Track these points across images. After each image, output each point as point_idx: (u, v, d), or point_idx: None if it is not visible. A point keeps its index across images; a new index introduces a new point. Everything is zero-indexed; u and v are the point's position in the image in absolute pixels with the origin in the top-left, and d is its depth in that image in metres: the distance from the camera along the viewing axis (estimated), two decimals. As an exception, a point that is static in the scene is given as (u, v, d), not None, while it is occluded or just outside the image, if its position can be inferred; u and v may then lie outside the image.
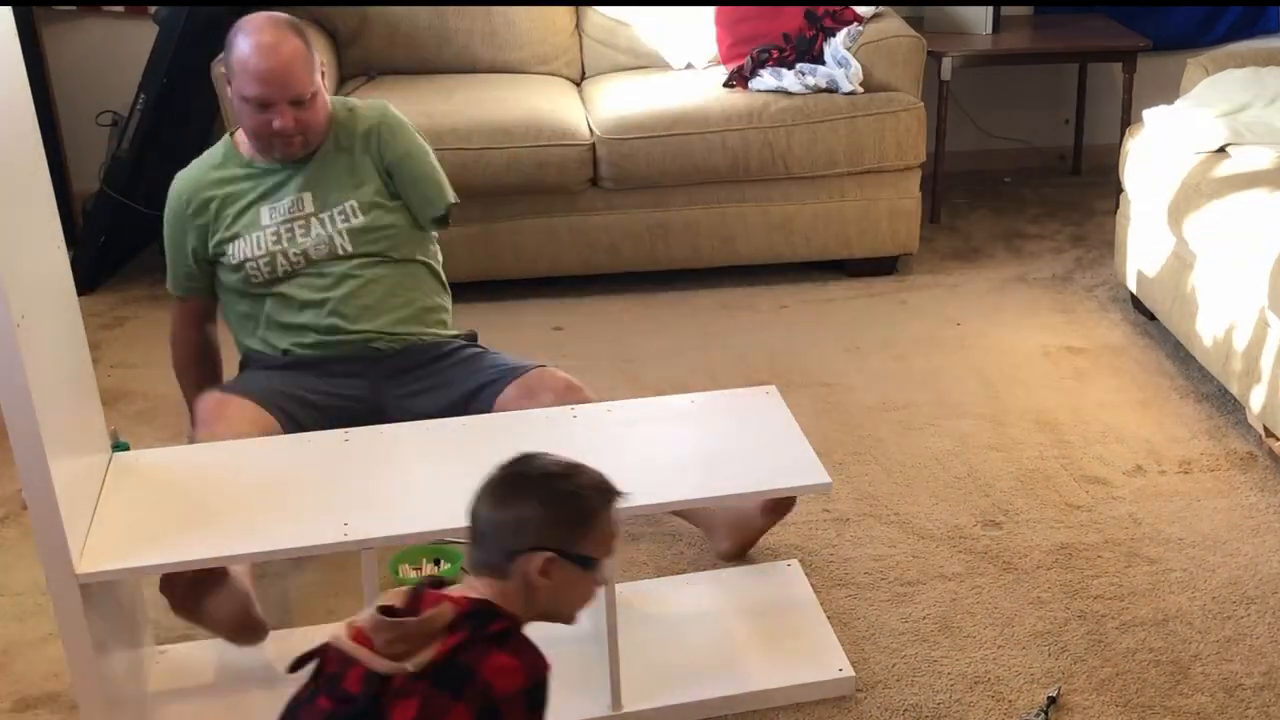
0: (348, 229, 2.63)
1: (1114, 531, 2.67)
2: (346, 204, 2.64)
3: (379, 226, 2.66)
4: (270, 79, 2.50)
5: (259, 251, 2.61)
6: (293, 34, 2.55)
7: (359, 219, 2.64)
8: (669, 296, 3.88)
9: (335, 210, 2.63)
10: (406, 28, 4.15)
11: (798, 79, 3.83)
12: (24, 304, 1.80)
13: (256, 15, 2.57)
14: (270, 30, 2.53)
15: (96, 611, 1.96)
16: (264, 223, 2.62)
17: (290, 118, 2.53)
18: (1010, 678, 2.26)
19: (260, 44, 2.51)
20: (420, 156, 2.75)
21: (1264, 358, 2.82)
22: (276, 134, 2.55)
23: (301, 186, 2.63)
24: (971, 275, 4.00)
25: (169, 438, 3.10)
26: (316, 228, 2.62)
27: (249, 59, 2.51)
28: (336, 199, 2.64)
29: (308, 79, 2.54)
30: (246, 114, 2.55)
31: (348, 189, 2.65)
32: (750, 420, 2.34)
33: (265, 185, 2.64)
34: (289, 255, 2.61)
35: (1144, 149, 3.45)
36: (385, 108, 2.75)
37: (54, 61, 4.27)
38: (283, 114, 2.52)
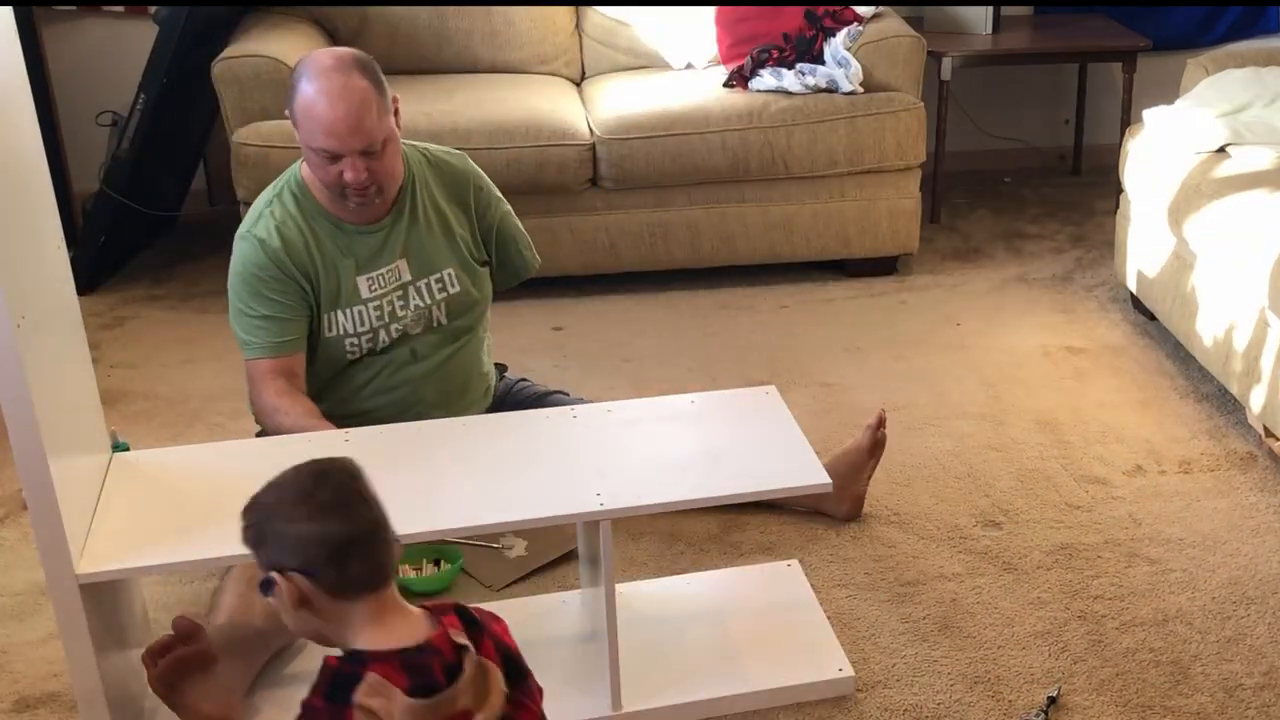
0: (445, 299, 2.53)
1: (1114, 531, 2.67)
2: (444, 272, 2.52)
3: (472, 297, 2.57)
4: (338, 129, 2.29)
5: (362, 328, 2.48)
6: (360, 74, 2.33)
7: (455, 288, 2.54)
8: (669, 296, 3.88)
9: (433, 278, 2.51)
10: (406, 28, 4.15)
11: (798, 79, 3.83)
12: (24, 304, 1.80)
13: (321, 54, 2.36)
14: (336, 73, 2.31)
15: (96, 611, 1.96)
16: (364, 295, 2.47)
17: (362, 169, 2.33)
18: (1010, 678, 2.26)
19: (326, 90, 2.29)
20: (511, 215, 2.66)
21: (1264, 358, 2.82)
22: (349, 186, 2.36)
23: (398, 252, 2.48)
24: (971, 275, 4.00)
25: (169, 438, 3.10)
26: (415, 299, 2.50)
27: (313, 106, 2.30)
28: (434, 265, 2.51)
29: (378, 126, 2.33)
30: (315, 164, 2.37)
31: (444, 254, 2.53)
32: (750, 420, 2.34)
33: (361, 253, 2.47)
34: (390, 330, 2.50)
35: (1144, 149, 3.45)
36: (465, 158, 2.63)
37: (54, 61, 4.27)
38: (354, 166, 2.32)
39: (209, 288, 3.99)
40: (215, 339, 3.64)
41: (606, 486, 2.11)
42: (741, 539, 2.67)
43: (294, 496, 1.54)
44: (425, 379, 2.52)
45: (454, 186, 2.57)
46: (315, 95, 2.30)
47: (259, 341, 2.44)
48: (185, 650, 2.00)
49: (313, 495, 1.53)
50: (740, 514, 2.73)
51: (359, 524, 1.54)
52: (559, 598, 2.46)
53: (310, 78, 2.32)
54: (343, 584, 1.53)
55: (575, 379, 3.25)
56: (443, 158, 2.59)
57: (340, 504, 1.53)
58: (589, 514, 2.06)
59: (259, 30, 3.83)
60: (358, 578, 1.54)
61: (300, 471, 1.56)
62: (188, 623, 2.01)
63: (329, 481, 1.55)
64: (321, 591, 1.53)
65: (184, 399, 3.31)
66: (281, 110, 3.62)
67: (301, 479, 1.55)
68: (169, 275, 4.09)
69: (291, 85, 2.36)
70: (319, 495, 1.53)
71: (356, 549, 1.53)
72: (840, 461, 2.69)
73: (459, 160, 2.61)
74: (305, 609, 1.54)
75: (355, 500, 1.55)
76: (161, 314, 3.83)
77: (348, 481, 1.56)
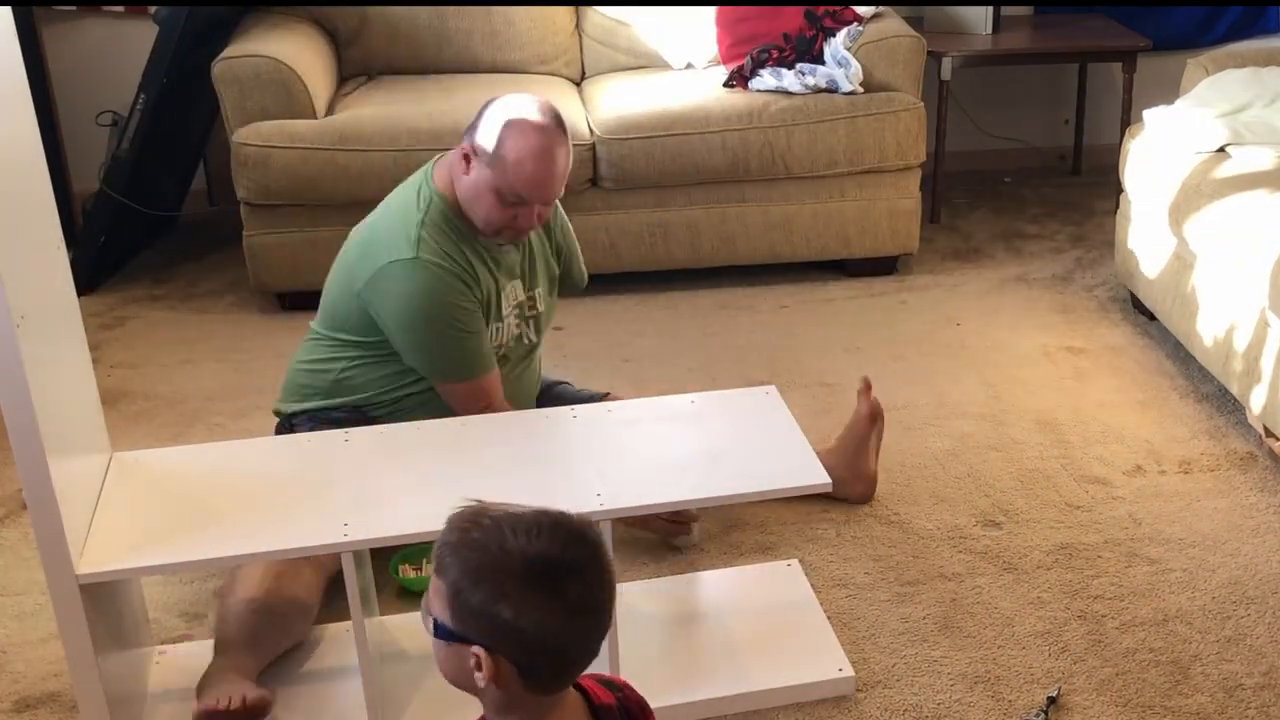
0: (533, 318, 2.59)
1: (1114, 531, 2.67)
2: (536, 291, 2.59)
3: (550, 316, 2.64)
4: (542, 185, 2.36)
5: (506, 339, 2.54)
6: (563, 136, 2.39)
7: (542, 306, 2.60)
8: (669, 296, 3.88)
9: (527, 296, 2.57)
10: (406, 28, 4.15)
11: (798, 79, 3.83)
12: (24, 304, 1.80)
13: (525, 108, 2.39)
14: (547, 132, 2.36)
15: (96, 611, 1.96)
16: (504, 311, 2.52)
17: (538, 216, 2.40)
18: (1010, 678, 2.26)
19: (539, 149, 2.34)
20: (573, 233, 2.72)
21: (1264, 358, 2.82)
22: (516, 228, 2.41)
23: (514, 271, 2.54)
24: (971, 275, 4.00)
25: (169, 438, 3.10)
26: (517, 315, 2.56)
27: (523, 162, 2.33)
28: (534, 284, 2.58)
29: (566, 179, 2.43)
30: (491, 204, 2.37)
31: (540, 274, 2.59)
32: (750, 420, 2.34)
33: (500, 269, 2.50)
34: (507, 346, 2.55)
35: (1144, 149, 3.45)
36: None
37: (54, 61, 4.27)
38: (538, 215, 2.40)
39: (209, 288, 3.99)
40: (215, 339, 3.64)
41: (606, 486, 2.11)
42: (741, 539, 2.67)
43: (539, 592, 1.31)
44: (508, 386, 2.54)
45: None
46: (531, 154, 2.33)
47: (486, 351, 2.45)
48: None
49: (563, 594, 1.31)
50: (740, 514, 2.73)
51: (593, 639, 1.35)
52: (559, 598, 2.46)
53: (524, 134, 2.34)
54: (545, 684, 1.36)
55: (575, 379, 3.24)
56: None
57: (585, 611, 1.33)
58: (589, 514, 2.05)
59: (259, 30, 3.83)
60: (564, 682, 1.39)
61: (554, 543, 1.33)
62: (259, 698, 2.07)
63: (584, 581, 1.33)
64: (517, 680, 1.34)
65: (184, 399, 3.31)
66: (281, 110, 3.63)
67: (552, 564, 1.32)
68: (169, 275, 4.08)
69: (497, 135, 2.35)
70: (569, 595, 1.32)
71: (577, 661, 1.36)
72: (844, 440, 2.72)
73: None
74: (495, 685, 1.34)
75: (600, 609, 1.35)
76: (161, 314, 3.83)
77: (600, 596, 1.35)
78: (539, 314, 2.61)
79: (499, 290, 2.49)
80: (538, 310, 2.60)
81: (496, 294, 2.49)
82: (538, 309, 2.60)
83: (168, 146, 4.08)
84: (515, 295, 2.54)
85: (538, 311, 2.60)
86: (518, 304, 2.55)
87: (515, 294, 2.54)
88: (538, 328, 2.62)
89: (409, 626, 2.34)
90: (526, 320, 2.59)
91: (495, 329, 2.50)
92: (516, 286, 2.54)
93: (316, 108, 3.71)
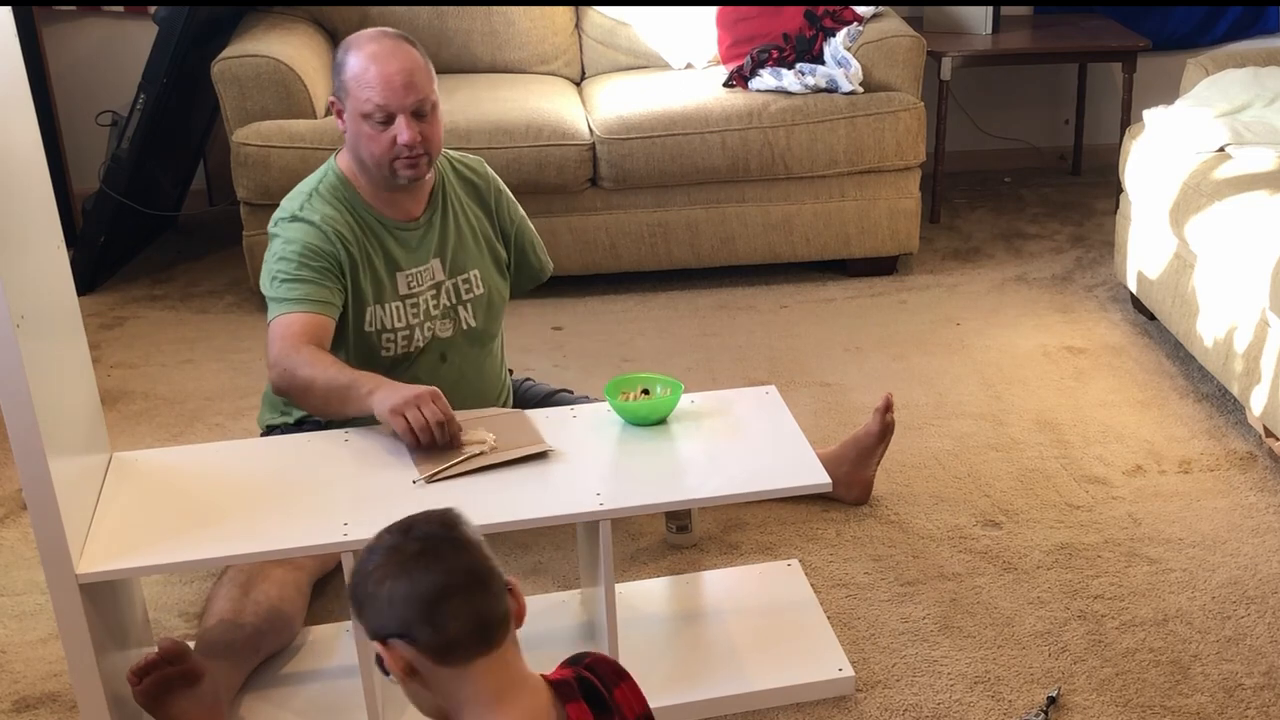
0: (471, 301, 2.55)
1: (1114, 531, 2.67)
2: (472, 273, 2.55)
3: (496, 300, 2.60)
4: (394, 84, 2.34)
5: (399, 324, 2.48)
6: (406, 43, 2.41)
7: (480, 289, 2.56)
8: (668, 296, 3.88)
9: (461, 279, 2.54)
10: (406, 28, 4.13)
11: (797, 79, 3.83)
12: (24, 304, 1.80)
13: (363, 31, 2.44)
14: (383, 39, 2.40)
15: (96, 611, 1.96)
16: (402, 292, 2.48)
17: (415, 130, 2.36)
18: (1010, 678, 2.26)
19: (375, 53, 2.36)
20: (528, 221, 2.70)
21: (1264, 358, 2.82)
22: (401, 152, 2.37)
23: (433, 251, 2.51)
24: (971, 275, 4.00)
25: (169, 438, 3.10)
26: (445, 298, 2.53)
27: (367, 69, 2.35)
28: (463, 266, 2.54)
29: (429, 85, 2.39)
30: (366, 135, 2.37)
31: (473, 256, 2.56)
32: (750, 420, 2.34)
33: (400, 247, 2.48)
34: (424, 330, 2.50)
35: (1144, 149, 3.45)
36: (484, 163, 2.66)
37: (54, 61, 4.27)
38: (408, 126, 2.35)
39: (209, 288, 3.99)
40: (215, 339, 3.64)
41: (606, 486, 2.11)
42: (741, 539, 2.67)
43: (381, 556, 1.39)
44: (456, 383, 2.50)
45: (478, 191, 2.61)
46: (368, 58, 2.36)
47: (293, 297, 2.35)
48: (170, 669, 2.01)
49: (399, 549, 1.39)
50: (740, 514, 2.73)
51: (450, 574, 1.37)
52: (559, 597, 2.46)
53: (359, 46, 2.39)
54: (444, 646, 1.36)
55: (575, 379, 3.25)
56: (465, 162, 2.62)
57: (427, 553, 1.38)
58: (589, 514, 2.06)
59: (259, 30, 3.83)
60: (459, 636, 1.36)
61: (388, 529, 1.43)
62: (172, 644, 2.02)
63: (414, 533, 1.40)
64: (425, 658, 1.37)
65: (184, 399, 3.31)
66: (281, 110, 3.63)
67: (388, 535, 1.41)
68: (169, 275, 4.09)
69: (339, 62, 2.41)
70: (406, 548, 1.38)
71: (451, 602, 1.36)
72: (850, 447, 2.73)
73: (479, 165, 2.64)
74: (416, 681, 1.39)
75: (444, 548, 1.39)
76: (161, 314, 3.83)
77: (435, 530, 1.41)
78: (477, 297, 2.56)
79: (393, 269, 2.46)
80: (475, 293, 2.56)
81: (388, 273, 2.46)
82: (475, 291, 2.56)
83: (167, 146, 4.08)
84: (432, 275, 2.50)
85: (475, 294, 2.56)
86: (435, 284, 2.51)
87: (432, 274, 2.50)
88: (480, 312, 2.57)
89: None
90: (462, 303, 2.55)
91: (393, 309, 2.46)
92: (434, 267, 2.51)
93: (316, 108, 3.71)
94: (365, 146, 2.39)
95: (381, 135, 2.37)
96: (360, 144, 2.40)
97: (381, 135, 2.37)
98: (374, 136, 2.37)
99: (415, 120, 2.37)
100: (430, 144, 2.41)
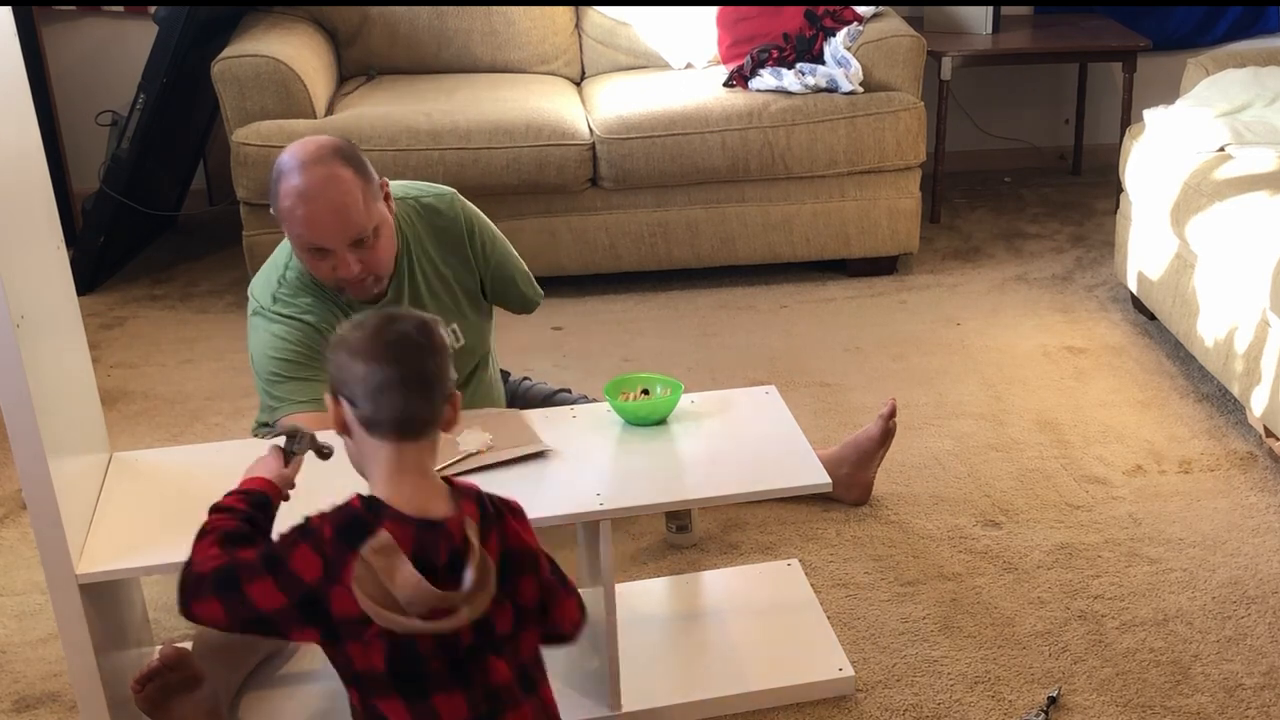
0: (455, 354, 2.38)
1: (1114, 531, 2.67)
2: (450, 328, 2.44)
3: (481, 345, 2.54)
4: (323, 225, 2.21)
5: None
6: (339, 164, 2.22)
7: (462, 341, 2.49)
8: (669, 296, 3.88)
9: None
10: (406, 28, 4.15)
11: (797, 79, 3.83)
12: (24, 304, 1.80)
13: (297, 147, 2.24)
14: (317, 165, 2.20)
15: (96, 611, 1.96)
16: None
17: (355, 262, 2.25)
18: (1010, 678, 2.26)
19: (304, 189, 2.19)
20: (511, 252, 2.59)
21: (1265, 358, 2.82)
22: (343, 281, 2.29)
23: None
24: (971, 275, 4.00)
25: (169, 438, 3.10)
26: None
27: (295, 208, 2.20)
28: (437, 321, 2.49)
29: (365, 216, 2.23)
30: (308, 261, 2.29)
31: (449, 310, 2.46)
32: (750, 420, 2.34)
33: None
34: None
35: (1144, 149, 3.45)
36: (454, 199, 2.51)
37: (54, 61, 4.27)
38: (345, 262, 2.24)
39: (209, 288, 3.99)
40: (215, 339, 3.64)
41: (606, 486, 2.11)
42: (741, 539, 2.67)
43: (364, 332, 1.62)
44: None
45: (448, 236, 2.49)
46: (296, 197, 2.20)
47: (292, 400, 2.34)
48: (171, 676, 2.02)
49: (378, 333, 1.61)
50: (740, 514, 2.73)
51: (404, 369, 1.60)
52: (559, 598, 2.46)
53: (288, 175, 2.22)
54: (373, 420, 1.61)
55: (575, 379, 3.24)
56: (433, 205, 2.48)
57: (395, 345, 1.60)
58: (589, 514, 2.06)
59: (259, 30, 3.83)
60: (387, 418, 1.60)
61: (379, 313, 1.66)
62: (173, 651, 2.03)
63: (394, 326, 1.62)
64: (356, 422, 1.62)
65: (184, 399, 3.31)
66: (281, 110, 3.63)
67: (376, 318, 1.64)
68: (169, 275, 4.09)
69: (273, 183, 2.25)
70: (383, 334, 1.61)
71: (393, 390, 1.59)
72: (850, 449, 2.73)
73: (447, 204, 2.50)
74: (345, 435, 1.66)
75: (412, 347, 1.62)
76: (161, 314, 3.83)
77: (411, 331, 1.62)
78: (458, 350, 2.46)
79: None
80: (456, 346, 2.46)
81: None
82: (456, 345, 2.46)
83: (167, 146, 4.09)
84: None
85: (456, 348, 2.45)
86: None
87: None
88: (465, 363, 2.50)
89: (409, 626, 2.34)
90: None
91: None
92: None
93: (316, 107, 3.71)
94: (310, 268, 2.32)
95: (322, 264, 2.28)
96: (305, 265, 2.33)
97: (322, 264, 2.28)
98: (314, 263, 2.29)
99: (354, 250, 2.25)
100: (377, 266, 2.31)
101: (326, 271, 2.29)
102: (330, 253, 2.25)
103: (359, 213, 2.23)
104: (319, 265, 2.29)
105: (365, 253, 2.27)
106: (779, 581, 2.51)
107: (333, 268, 2.27)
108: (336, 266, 2.27)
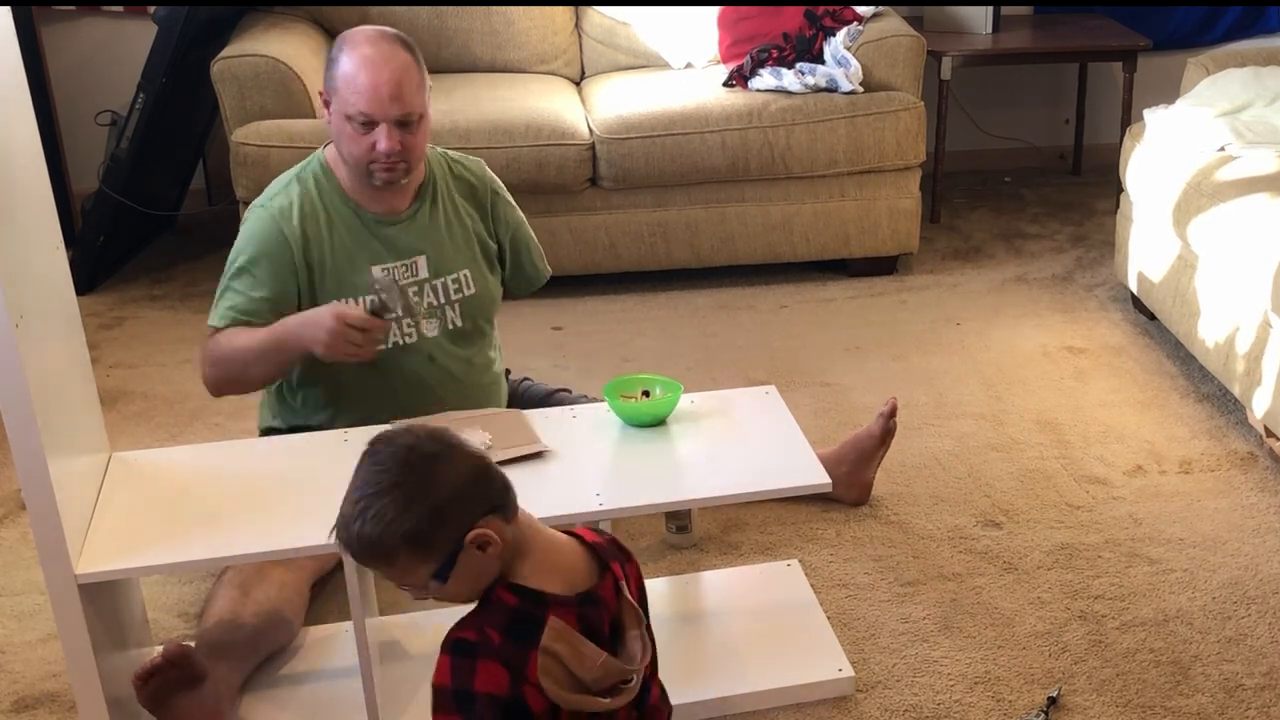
0: (461, 301, 2.51)
1: (1114, 531, 2.67)
2: (461, 273, 2.51)
3: (487, 300, 2.56)
4: (380, 94, 2.31)
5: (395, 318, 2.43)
6: (402, 48, 2.36)
7: (471, 290, 2.53)
8: (668, 296, 3.88)
9: (449, 278, 2.49)
10: (406, 28, 4.13)
11: (797, 78, 3.83)
12: (24, 304, 1.80)
13: (362, 29, 2.39)
14: (379, 43, 2.35)
15: (96, 611, 1.96)
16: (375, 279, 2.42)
17: (396, 139, 2.33)
18: (1010, 678, 2.26)
19: (368, 57, 2.32)
20: (526, 224, 2.66)
21: (1266, 359, 2.82)
22: (378, 158, 2.36)
23: (415, 248, 2.47)
24: (971, 275, 4.00)
25: (169, 438, 3.10)
26: (430, 297, 2.48)
27: (357, 72, 2.32)
28: (452, 265, 2.50)
29: (418, 98, 2.36)
30: (348, 135, 2.36)
31: (463, 255, 2.52)
32: (750, 420, 2.34)
33: (379, 244, 2.45)
34: (403, 325, 2.45)
35: (1144, 149, 3.45)
36: (483, 165, 2.62)
37: (54, 61, 4.27)
38: (389, 135, 2.33)
39: (209, 288, 3.96)
40: (215, 339, 3.64)
41: (606, 486, 2.11)
42: (741, 539, 2.67)
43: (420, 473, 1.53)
44: (444, 384, 2.50)
45: (473, 190, 2.58)
46: (359, 62, 2.33)
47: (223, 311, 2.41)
48: (173, 673, 2.02)
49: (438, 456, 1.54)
50: (740, 514, 2.73)
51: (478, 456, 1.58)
52: (559, 598, 2.46)
53: (353, 46, 2.35)
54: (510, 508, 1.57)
55: (575, 379, 3.24)
56: (462, 162, 2.59)
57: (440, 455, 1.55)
58: (589, 514, 2.06)
59: (258, 30, 3.83)
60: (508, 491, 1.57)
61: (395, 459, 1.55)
62: (175, 648, 2.03)
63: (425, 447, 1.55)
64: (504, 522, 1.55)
65: (183, 399, 3.31)
66: (280, 109, 3.63)
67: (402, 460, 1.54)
68: (169, 275, 4.08)
69: (331, 59, 2.38)
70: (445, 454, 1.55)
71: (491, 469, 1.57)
72: (850, 448, 2.73)
73: (477, 166, 2.61)
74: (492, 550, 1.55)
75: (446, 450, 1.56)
76: (161, 314, 3.83)
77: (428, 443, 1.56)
78: (468, 297, 2.52)
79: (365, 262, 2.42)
80: (466, 293, 2.52)
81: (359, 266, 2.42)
82: (465, 291, 2.52)
83: (167, 146, 4.08)
84: (414, 272, 2.46)
85: (465, 295, 2.52)
86: (416, 282, 2.46)
87: (414, 270, 2.46)
88: (470, 312, 2.53)
89: (409, 626, 2.34)
90: (450, 303, 2.51)
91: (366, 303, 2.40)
92: (418, 264, 2.47)
93: (315, 107, 3.70)
94: (346, 145, 2.39)
95: (362, 138, 2.35)
96: (341, 141, 2.40)
97: (362, 138, 2.35)
98: (355, 138, 2.36)
99: (399, 129, 2.35)
100: (411, 153, 2.39)
101: (366, 147, 2.35)
102: (375, 125, 2.33)
103: (413, 93, 2.35)
104: (360, 140, 2.35)
105: (407, 135, 2.36)
106: (779, 582, 2.51)
107: (373, 144, 2.34)
108: (378, 140, 2.33)
